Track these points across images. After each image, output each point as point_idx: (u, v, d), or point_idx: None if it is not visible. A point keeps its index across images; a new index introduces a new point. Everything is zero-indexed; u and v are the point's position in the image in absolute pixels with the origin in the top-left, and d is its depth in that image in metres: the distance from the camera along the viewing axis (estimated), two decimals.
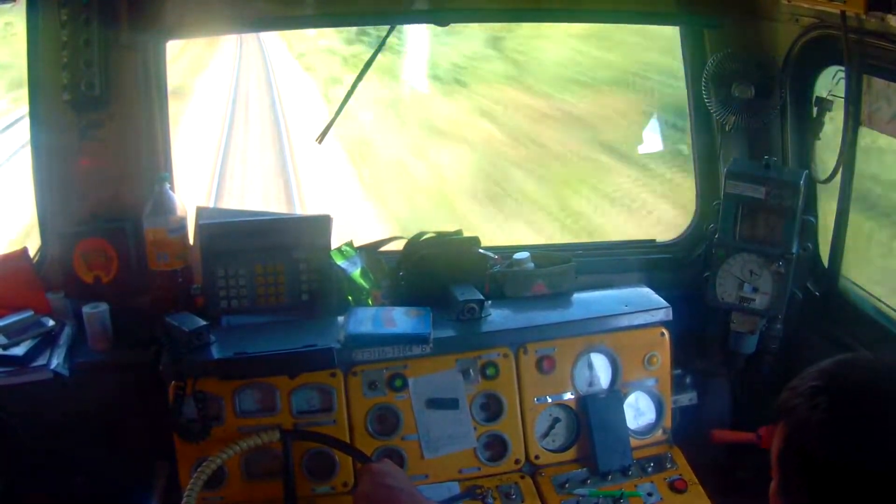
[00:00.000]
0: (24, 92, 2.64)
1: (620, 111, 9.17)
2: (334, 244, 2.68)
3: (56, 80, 2.55)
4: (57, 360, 2.46)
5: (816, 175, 2.69)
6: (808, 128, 2.69)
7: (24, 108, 2.67)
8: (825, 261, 2.72)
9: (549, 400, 2.59)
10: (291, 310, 2.62)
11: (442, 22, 2.78)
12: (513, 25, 9.91)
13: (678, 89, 2.95)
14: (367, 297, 2.67)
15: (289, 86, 14.91)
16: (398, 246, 2.81)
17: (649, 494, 2.49)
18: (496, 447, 2.56)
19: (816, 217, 2.73)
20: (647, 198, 8.18)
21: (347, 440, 2.46)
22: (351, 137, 10.49)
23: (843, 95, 2.49)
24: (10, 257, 2.68)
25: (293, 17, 2.69)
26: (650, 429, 2.66)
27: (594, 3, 2.81)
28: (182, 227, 2.62)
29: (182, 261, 2.62)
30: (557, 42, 10.73)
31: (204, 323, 2.45)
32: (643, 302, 2.70)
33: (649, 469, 2.57)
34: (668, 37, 3.01)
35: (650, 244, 3.10)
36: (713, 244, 2.71)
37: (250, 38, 16.83)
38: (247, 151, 11.57)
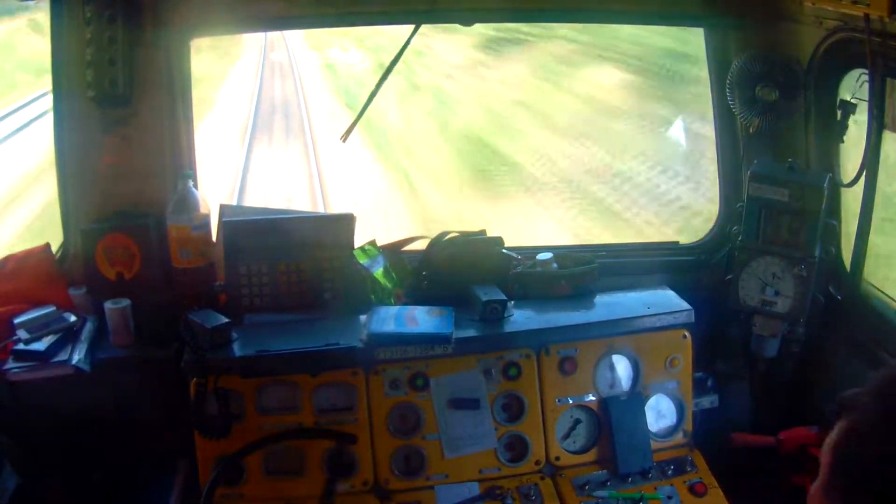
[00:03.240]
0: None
1: None
2: (357, 243, 2.68)
3: (80, 78, 2.56)
4: (78, 356, 2.47)
5: (839, 178, 2.67)
6: (832, 131, 2.67)
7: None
8: (847, 265, 2.71)
9: (571, 401, 2.59)
10: (314, 308, 2.63)
11: (466, 21, 2.78)
12: None
13: None
14: (389, 297, 2.67)
15: None
16: (421, 245, 2.81)
17: (669, 497, 2.49)
18: (517, 448, 2.56)
19: (839, 221, 2.72)
20: None
21: (369, 438, 2.47)
22: None
23: (866, 99, 2.48)
24: (32, 253, 2.69)
25: (317, 16, 2.69)
26: (671, 431, 2.66)
27: (619, 3, 2.81)
28: (205, 224, 2.63)
29: (205, 258, 2.63)
30: None
31: (226, 320, 2.46)
32: (665, 304, 2.70)
33: (669, 472, 2.57)
34: None
35: (673, 246, 3.11)
36: (736, 247, 2.71)
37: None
38: None
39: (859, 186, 2.56)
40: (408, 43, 2.63)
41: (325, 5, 2.64)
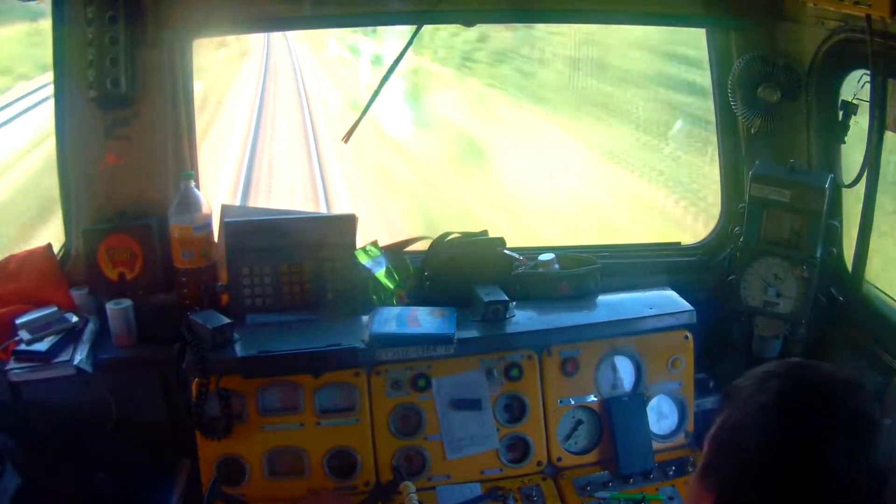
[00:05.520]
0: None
1: None
2: (359, 243, 2.68)
3: (82, 78, 2.55)
4: (80, 356, 2.47)
5: (841, 179, 2.67)
6: (834, 131, 2.67)
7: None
8: (849, 266, 2.71)
9: (573, 402, 2.59)
10: (316, 309, 2.62)
11: (468, 22, 2.77)
12: None
13: None
14: (391, 297, 2.67)
15: None
16: (423, 246, 2.81)
17: (670, 498, 2.48)
18: (518, 449, 2.56)
19: (841, 221, 2.72)
20: None
21: (370, 439, 2.47)
22: None
23: (868, 99, 2.48)
24: (34, 253, 2.69)
25: (320, 17, 2.69)
26: (672, 432, 2.66)
27: (621, 4, 2.80)
28: (207, 224, 2.62)
29: (207, 258, 2.62)
30: None
31: (228, 321, 2.46)
32: (667, 305, 2.70)
33: (671, 472, 2.57)
34: None
35: (675, 247, 3.10)
36: (738, 248, 2.71)
37: None
38: None
39: (861, 187, 2.56)
40: (409, 44, 2.63)
41: (326, 6, 2.64)
